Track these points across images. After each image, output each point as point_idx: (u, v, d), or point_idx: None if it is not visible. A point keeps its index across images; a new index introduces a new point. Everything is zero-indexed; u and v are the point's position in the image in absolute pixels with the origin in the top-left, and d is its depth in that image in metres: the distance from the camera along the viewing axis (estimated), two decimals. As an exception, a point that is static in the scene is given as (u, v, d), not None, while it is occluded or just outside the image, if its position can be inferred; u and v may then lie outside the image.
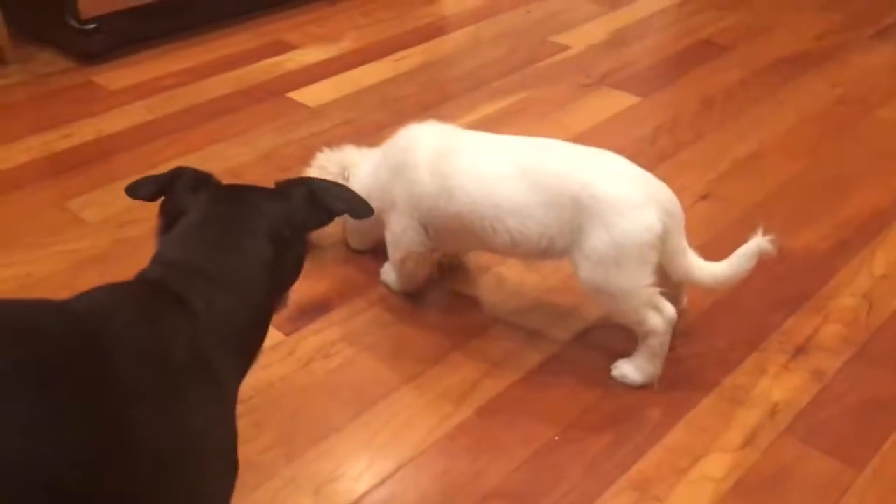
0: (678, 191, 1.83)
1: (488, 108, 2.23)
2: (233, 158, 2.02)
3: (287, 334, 1.48)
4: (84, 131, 2.15)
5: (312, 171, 1.60)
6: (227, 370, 0.90)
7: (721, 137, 2.08)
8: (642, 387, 1.37)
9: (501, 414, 1.33)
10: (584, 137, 2.08)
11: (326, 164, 1.59)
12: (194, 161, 1.99)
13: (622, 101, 2.27)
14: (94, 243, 1.72)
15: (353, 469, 1.24)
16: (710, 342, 1.46)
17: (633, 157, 1.98)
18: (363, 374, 1.40)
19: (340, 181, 1.47)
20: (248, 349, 0.96)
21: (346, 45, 2.63)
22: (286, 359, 1.43)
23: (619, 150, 2.02)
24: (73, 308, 0.83)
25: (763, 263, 1.61)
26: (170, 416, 0.81)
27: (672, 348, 1.43)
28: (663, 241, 1.30)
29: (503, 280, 1.61)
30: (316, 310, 1.54)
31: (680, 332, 1.47)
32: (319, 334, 1.48)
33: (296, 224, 1.01)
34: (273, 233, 0.96)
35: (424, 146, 1.43)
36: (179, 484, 0.81)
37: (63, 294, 1.57)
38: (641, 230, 1.27)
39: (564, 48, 2.59)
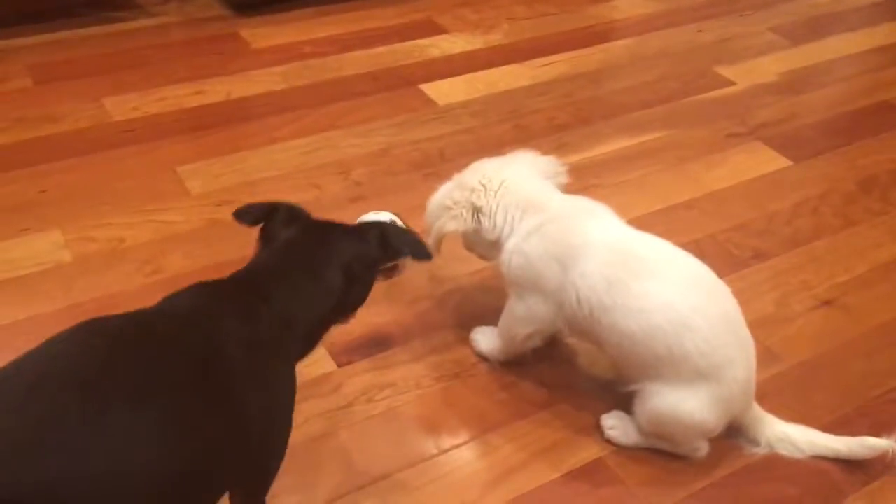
0: (799, 288, 1.68)
1: (620, 142, 2.08)
2: (344, 149, 1.98)
3: (339, 366, 1.45)
4: (216, 90, 2.17)
5: (439, 208, 1.43)
6: (296, 355, 1.09)
7: (868, 231, 1.85)
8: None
9: (527, 514, 1.25)
10: (715, 197, 1.92)
11: (455, 205, 1.40)
12: (307, 144, 1.99)
13: (771, 162, 2.06)
14: (190, 218, 1.74)
15: (359, 538, 1.21)
16: (779, 486, 1.31)
17: (762, 234, 1.82)
18: (401, 431, 1.36)
19: (469, 224, 1.38)
20: (309, 343, 1.13)
21: (495, 37, 2.52)
22: (331, 394, 1.40)
23: (750, 222, 1.87)
24: (181, 311, 0.98)
25: (870, 407, 1.45)
26: (270, 395, 1.00)
27: (736, 483, 1.31)
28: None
29: (576, 360, 1.51)
30: (374, 345, 1.50)
31: (752, 466, 1.33)
32: (370, 373, 1.44)
33: (366, 262, 1.16)
34: (345, 266, 1.12)
35: (599, 249, 1.30)
36: (272, 449, 1.02)
37: (146, 268, 1.60)
38: (702, 427, 1.31)
39: (726, 83, 2.38)
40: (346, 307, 1.16)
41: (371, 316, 1.55)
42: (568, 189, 1.44)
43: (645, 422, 1.32)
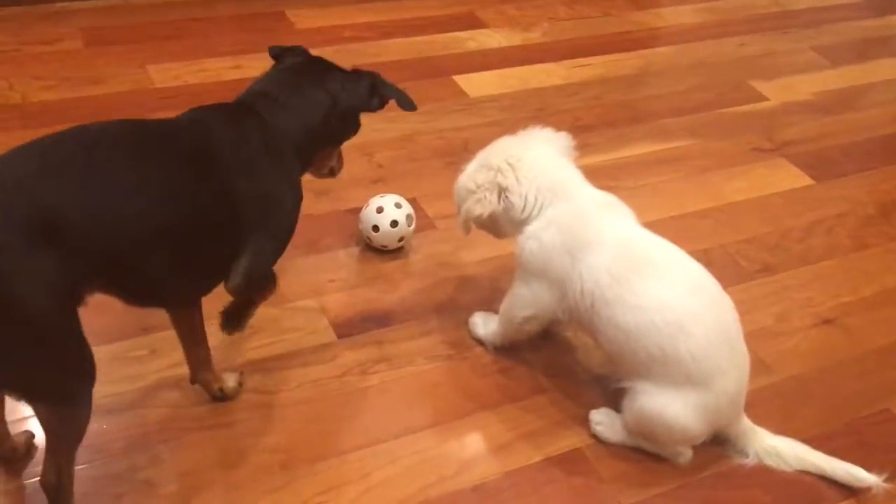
0: (802, 304, 1.70)
1: (643, 148, 2.11)
2: (371, 133, 2.01)
3: (339, 337, 1.51)
4: (256, 66, 2.20)
5: (466, 193, 1.43)
6: (290, 162, 1.26)
7: (881, 255, 1.85)
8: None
9: (497, 497, 1.28)
10: (731, 209, 1.93)
11: (479, 189, 1.40)
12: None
13: (793, 179, 2.06)
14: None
15: (337, 500, 1.25)
16: (753, 492, 1.33)
17: (773, 249, 1.84)
18: (389, 405, 1.41)
19: (494, 205, 1.38)
20: (303, 158, 1.29)
21: (533, 35, 2.55)
22: (327, 363, 1.46)
23: (763, 236, 1.88)
24: (179, 120, 1.20)
25: (856, 425, 1.46)
26: (257, 179, 1.18)
27: (710, 486, 1.33)
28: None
29: (571, 352, 1.54)
30: (375, 320, 1.55)
31: (728, 471, 1.35)
32: (367, 347, 1.49)
33: (353, 95, 1.30)
34: (332, 92, 1.28)
35: (611, 247, 1.33)
36: (269, 221, 1.20)
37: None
38: (685, 433, 1.33)
39: (759, 98, 2.38)
40: (332, 132, 1.32)
41: (375, 293, 1.60)
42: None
43: (631, 419, 1.34)
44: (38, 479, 1.12)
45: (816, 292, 1.72)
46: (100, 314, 1.43)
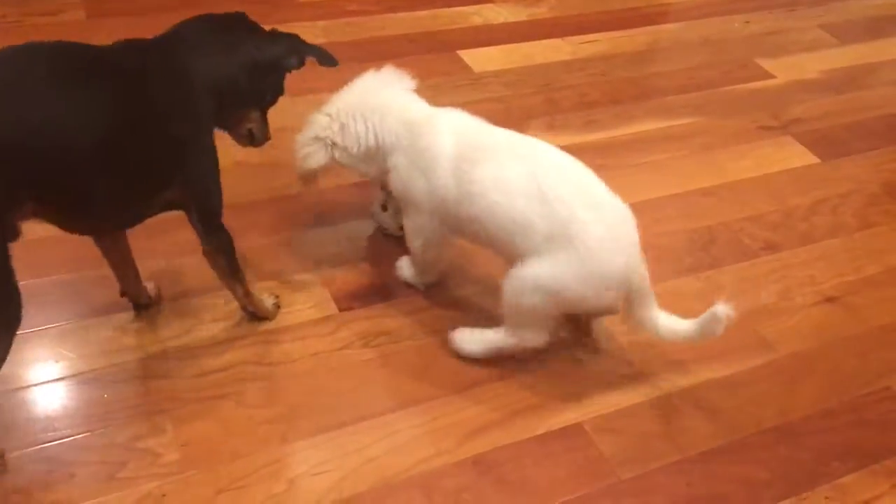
0: (805, 283, 1.69)
1: (648, 125, 2.09)
2: (375, 107, 2.02)
3: (340, 310, 1.51)
4: (259, 38, 2.22)
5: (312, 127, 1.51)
6: (207, 113, 1.28)
7: (885, 234, 1.83)
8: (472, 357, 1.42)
9: (496, 470, 1.29)
10: (736, 187, 1.92)
11: (308, 146, 1.50)
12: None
13: (799, 157, 2.05)
14: (217, 158, 1.80)
15: (334, 473, 1.25)
16: (751, 468, 1.34)
17: (777, 227, 1.83)
18: (390, 378, 1.41)
19: (324, 155, 1.47)
20: (219, 111, 1.30)
21: (540, 11, 2.53)
22: (328, 336, 1.46)
23: (767, 214, 1.87)
24: (115, 47, 1.26)
25: (857, 403, 1.46)
26: (182, 109, 1.24)
27: (709, 461, 1.33)
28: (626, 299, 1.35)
29: (565, 329, 1.53)
30: (376, 294, 1.55)
31: (727, 446, 1.36)
32: (368, 321, 1.49)
33: (269, 54, 1.34)
34: (248, 50, 1.32)
35: (447, 148, 1.40)
36: (200, 157, 1.27)
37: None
38: (569, 294, 1.32)
39: (766, 76, 2.36)
40: (246, 90, 1.34)
41: (377, 267, 1.60)
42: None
43: (511, 300, 1.35)
44: (31, 448, 1.12)
45: (819, 271, 1.71)
46: (101, 287, 1.43)
